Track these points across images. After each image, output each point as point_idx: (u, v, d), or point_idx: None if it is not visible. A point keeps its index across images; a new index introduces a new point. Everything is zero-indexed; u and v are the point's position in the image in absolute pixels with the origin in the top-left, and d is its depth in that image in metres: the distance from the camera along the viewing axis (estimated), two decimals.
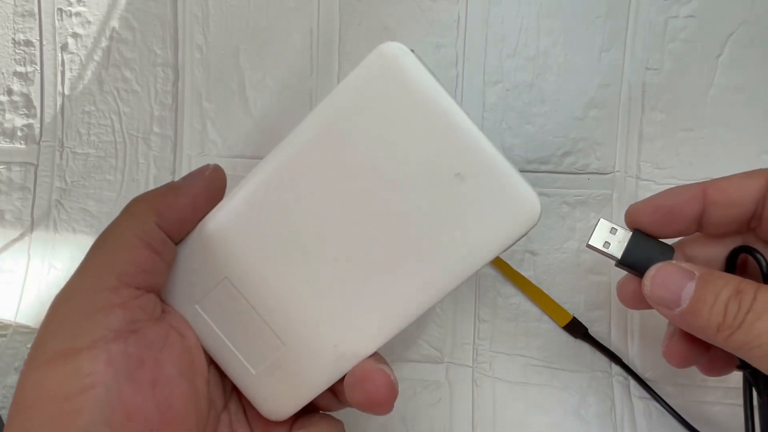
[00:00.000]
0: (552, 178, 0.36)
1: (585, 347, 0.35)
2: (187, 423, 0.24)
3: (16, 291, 0.39)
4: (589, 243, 0.26)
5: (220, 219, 0.25)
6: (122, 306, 0.22)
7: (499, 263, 0.35)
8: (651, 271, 0.24)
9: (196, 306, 0.26)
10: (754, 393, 0.25)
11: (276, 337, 0.25)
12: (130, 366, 0.22)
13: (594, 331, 0.35)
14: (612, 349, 0.35)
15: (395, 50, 0.23)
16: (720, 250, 0.26)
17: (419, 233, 0.23)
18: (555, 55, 0.36)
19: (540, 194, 0.36)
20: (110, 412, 0.21)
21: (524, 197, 0.22)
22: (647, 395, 0.34)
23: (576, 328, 0.35)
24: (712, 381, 0.34)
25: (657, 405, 0.34)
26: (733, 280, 0.22)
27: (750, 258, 0.24)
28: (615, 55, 0.35)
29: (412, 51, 0.23)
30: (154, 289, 0.24)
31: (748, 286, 0.21)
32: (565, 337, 0.35)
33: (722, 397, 0.34)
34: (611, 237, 0.26)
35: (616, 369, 0.35)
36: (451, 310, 0.36)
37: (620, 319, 0.35)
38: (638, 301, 0.26)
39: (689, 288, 0.22)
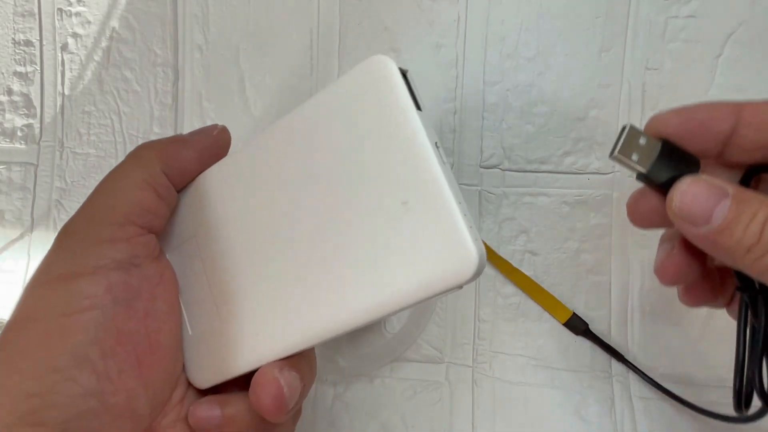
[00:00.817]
0: (552, 178, 0.36)
1: (585, 347, 0.35)
2: (169, 356, 0.25)
3: (16, 291, 0.39)
4: (616, 154, 0.24)
5: (203, 180, 0.26)
6: (126, 241, 0.24)
7: (497, 261, 0.35)
8: (681, 186, 0.22)
9: (167, 255, 0.27)
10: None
11: (215, 306, 0.25)
12: (128, 295, 0.23)
13: (594, 330, 0.35)
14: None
15: (382, 66, 0.22)
16: (731, 176, 0.25)
17: (349, 250, 0.22)
18: (555, 55, 0.36)
19: (540, 194, 0.36)
20: (102, 334, 0.22)
21: (462, 248, 0.20)
22: (647, 395, 0.34)
23: (576, 325, 0.35)
24: (713, 381, 0.34)
25: (657, 405, 0.34)
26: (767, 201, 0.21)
27: (763, 182, 0.24)
28: (615, 55, 0.35)
29: (405, 72, 0.23)
30: (155, 231, 0.26)
31: None
32: (565, 337, 0.35)
33: (723, 397, 0.34)
34: (636, 147, 0.24)
35: (616, 369, 0.35)
36: (451, 309, 0.36)
37: (620, 319, 0.35)
38: (655, 218, 0.25)
39: (723, 206, 0.21)
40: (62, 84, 0.39)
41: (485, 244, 0.36)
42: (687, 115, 0.24)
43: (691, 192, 0.22)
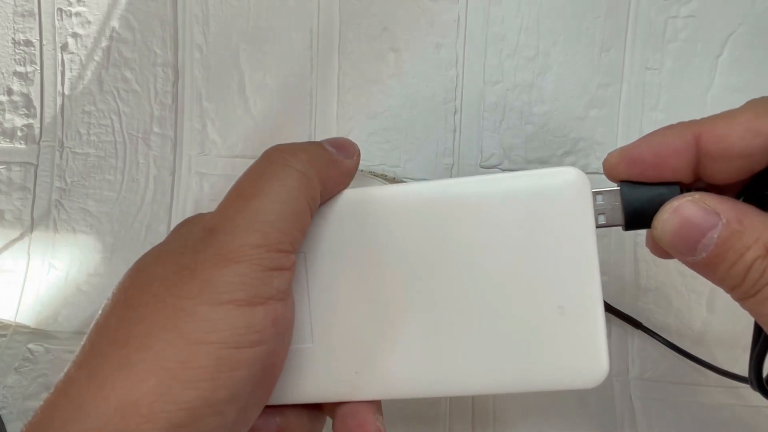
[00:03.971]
0: None
1: None
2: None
3: (16, 291, 0.39)
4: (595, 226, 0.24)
5: (336, 200, 0.25)
6: (290, 269, 0.22)
7: None
8: (664, 214, 0.20)
9: None
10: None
11: (309, 326, 0.25)
12: (284, 329, 0.22)
13: None
14: (612, 348, 0.35)
15: (578, 181, 0.23)
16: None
17: (492, 323, 0.23)
18: (555, 55, 0.36)
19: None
20: (258, 371, 0.21)
21: (599, 364, 0.22)
22: (647, 395, 0.34)
23: None
24: (713, 380, 0.34)
25: (657, 405, 0.34)
26: (765, 232, 0.18)
27: None
28: (615, 55, 0.35)
29: (593, 192, 0.23)
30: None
31: None
32: None
33: (724, 397, 0.34)
34: (603, 204, 0.22)
35: (616, 369, 0.35)
36: None
37: (620, 319, 0.35)
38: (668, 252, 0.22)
39: (709, 239, 0.19)
40: (62, 84, 0.39)
41: None
42: (631, 157, 0.22)
43: (675, 221, 0.20)
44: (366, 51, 0.37)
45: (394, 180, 0.36)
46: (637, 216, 0.22)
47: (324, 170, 0.23)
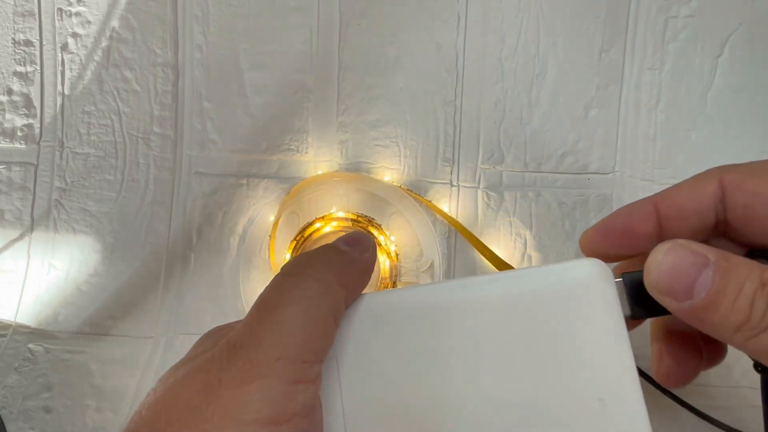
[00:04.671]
0: (552, 178, 0.36)
1: None
2: None
3: (16, 291, 0.39)
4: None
5: (361, 303, 0.24)
6: (313, 382, 0.21)
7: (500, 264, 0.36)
8: (658, 255, 0.20)
9: None
10: None
11: None
12: None
13: None
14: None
15: (602, 273, 0.23)
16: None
17: (536, 423, 0.23)
18: (555, 55, 0.36)
19: (540, 194, 0.36)
20: None
21: None
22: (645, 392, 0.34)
23: None
24: (715, 382, 0.34)
25: (656, 403, 0.34)
26: (756, 269, 0.18)
27: None
28: (615, 55, 0.35)
29: (621, 278, 0.23)
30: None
31: None
32: None
33: (725, 399, 0.34)
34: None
35: None
36: None
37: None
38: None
39: (705, 277, 0.19)
40: (62, 84, 0.39)
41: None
42: (605, 229, 0.24)
43: (668, 262, 0.20)
44: (366, 51, 0.37)
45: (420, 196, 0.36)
46: (641, 304, 0.22)
47: (343, 273, 0.23)
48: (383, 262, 0.36)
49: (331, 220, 0.36)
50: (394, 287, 0.36)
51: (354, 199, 0.37)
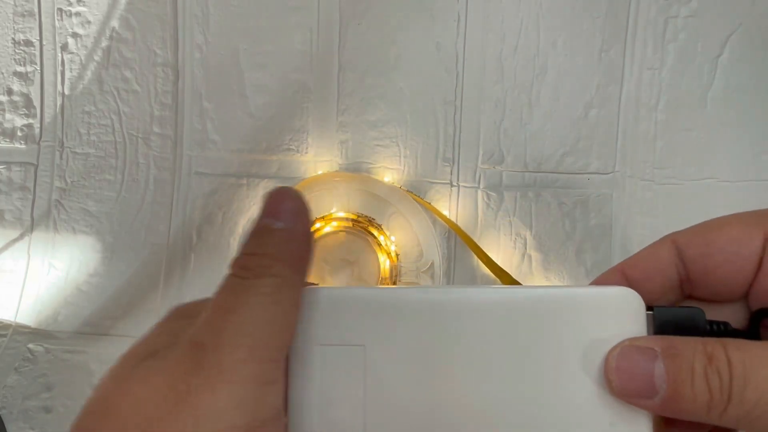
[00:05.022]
0: (552, 178, 0.36)
1: None
2: None
3: (16, 291, 0.39)
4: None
5: (389, 294, 0.25)
6: (282, 381, 0.21)
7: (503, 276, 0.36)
8: (611, 362, 0.20)
9: (318, 346, 0.25)
10: None
11: (362, 425, 0.24)
12: None
13: None
14: None
15: (635, 303, 0.23)
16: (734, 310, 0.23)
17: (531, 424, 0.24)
18: (555, 55, 0.36)
19: (540, 194, 0.36)
20: None
21: None
22: None
23: None
24: None
25: None
26: (698, 344, 0.19)
27: None
28: (615, 55, 0.35)
29: (649, 311, 0.23)
30: None
31: (716, 347, 0.19)
32: None
33: None
34: None
35: None
36: None
37: None
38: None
39: (659, 369, 0.19)
40: (62, 84, 0.39)
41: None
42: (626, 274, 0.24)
43: (622, 367, 0.20)
44: (366, 51, 0.37)
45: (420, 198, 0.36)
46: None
47: (289, 256, 0.22)
48: (383, 262, 0.36)
49: (332, 220, 0.36)
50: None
51: (354, 199, 0.37)
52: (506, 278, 0.36)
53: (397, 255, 0.36)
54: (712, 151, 0.35)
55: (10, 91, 0.40)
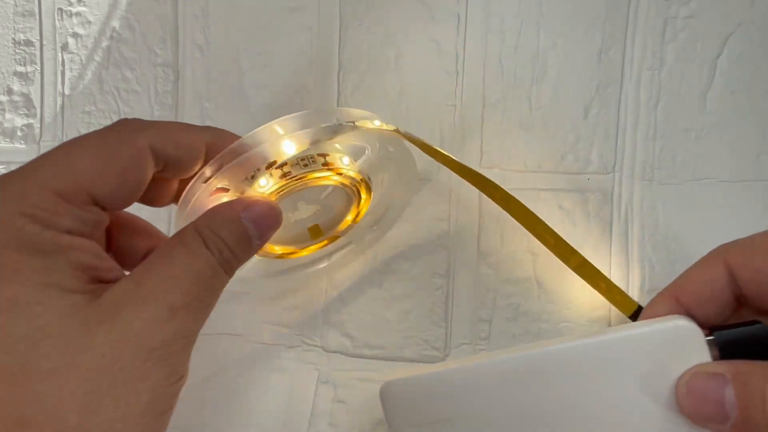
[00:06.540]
0: (552, 178, 0.36)
1: None
2: None
3: None
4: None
5: (474, 368, 0.26)
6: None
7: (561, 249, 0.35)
8: (681, 389, 0.20)
9: (409, 427, 0.27)
10: None
11: None
12: None
13: None
14: None
15: (694, 332, 0.23)
16: None
17: None
18: (555, 55, 0.36)
19: (540, 194, 0.36)
20: None
21: None
22: None
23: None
24: None
25: None
26: (767, 370, 0.19)
27: None
28: (615, 55, 0.35)
29: (709, 336, 0.23)
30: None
31: None
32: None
33: None
34: None
35: None
36: (450, 310, 0.36)
37: (622, 320, 0.35)
38: None
39: (729, 395, 0.19)
40: (62, 84, 0.39)
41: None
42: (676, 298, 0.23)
43: (693, 394, 0.20)
44: (366, 51, 0.37)
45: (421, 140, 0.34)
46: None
47: (241, 255, 0.25)
48: (347, 220, 0.33)
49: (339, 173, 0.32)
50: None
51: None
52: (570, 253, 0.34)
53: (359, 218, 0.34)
54: (712, 151, 0.35)
55: (10, 91, 0.40)
